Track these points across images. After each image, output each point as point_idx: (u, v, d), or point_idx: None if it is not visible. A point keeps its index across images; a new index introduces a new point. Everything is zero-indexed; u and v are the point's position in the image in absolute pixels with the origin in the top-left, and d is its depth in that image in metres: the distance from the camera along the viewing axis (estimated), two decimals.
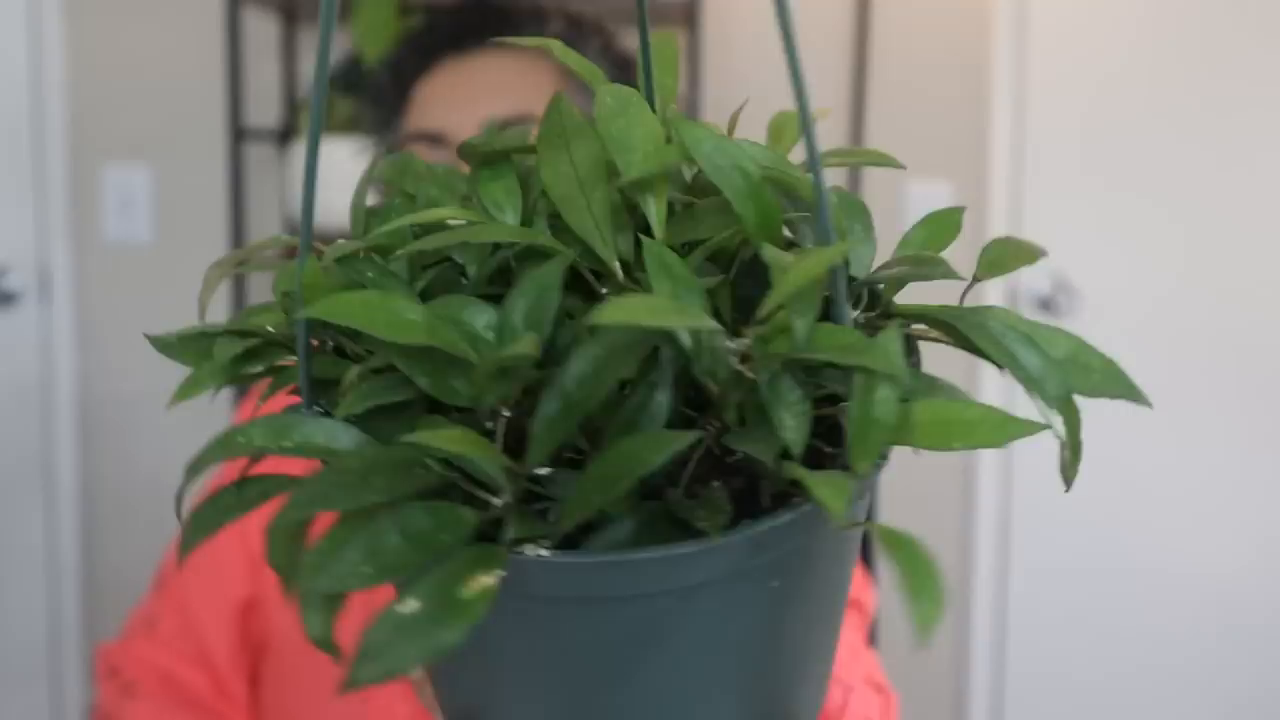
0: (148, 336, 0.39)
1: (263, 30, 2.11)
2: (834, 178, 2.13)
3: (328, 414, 0.37)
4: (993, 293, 2.11)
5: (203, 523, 0.35)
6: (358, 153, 1.13)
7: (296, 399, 0.38)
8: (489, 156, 0.40)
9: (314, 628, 0.31)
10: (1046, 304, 2.13)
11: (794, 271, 0.32)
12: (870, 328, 0.38)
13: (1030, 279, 2.15)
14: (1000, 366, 0.35)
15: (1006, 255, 0.39)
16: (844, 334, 0.33)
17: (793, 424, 0.33)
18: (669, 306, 0.31)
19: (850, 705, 0.65)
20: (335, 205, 1.95)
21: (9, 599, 2.17)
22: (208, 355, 0.38)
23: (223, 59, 2.02)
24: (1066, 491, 0.34)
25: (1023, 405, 0.34)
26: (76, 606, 2.21)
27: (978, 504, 2.19)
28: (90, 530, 2.22)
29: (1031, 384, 0.34)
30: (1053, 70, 2.15)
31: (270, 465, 0.35)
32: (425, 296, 0.38)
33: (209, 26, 2.11)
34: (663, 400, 0.33)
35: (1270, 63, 2.12)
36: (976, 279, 0.40)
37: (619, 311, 0.29)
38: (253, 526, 0.89)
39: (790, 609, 0.36)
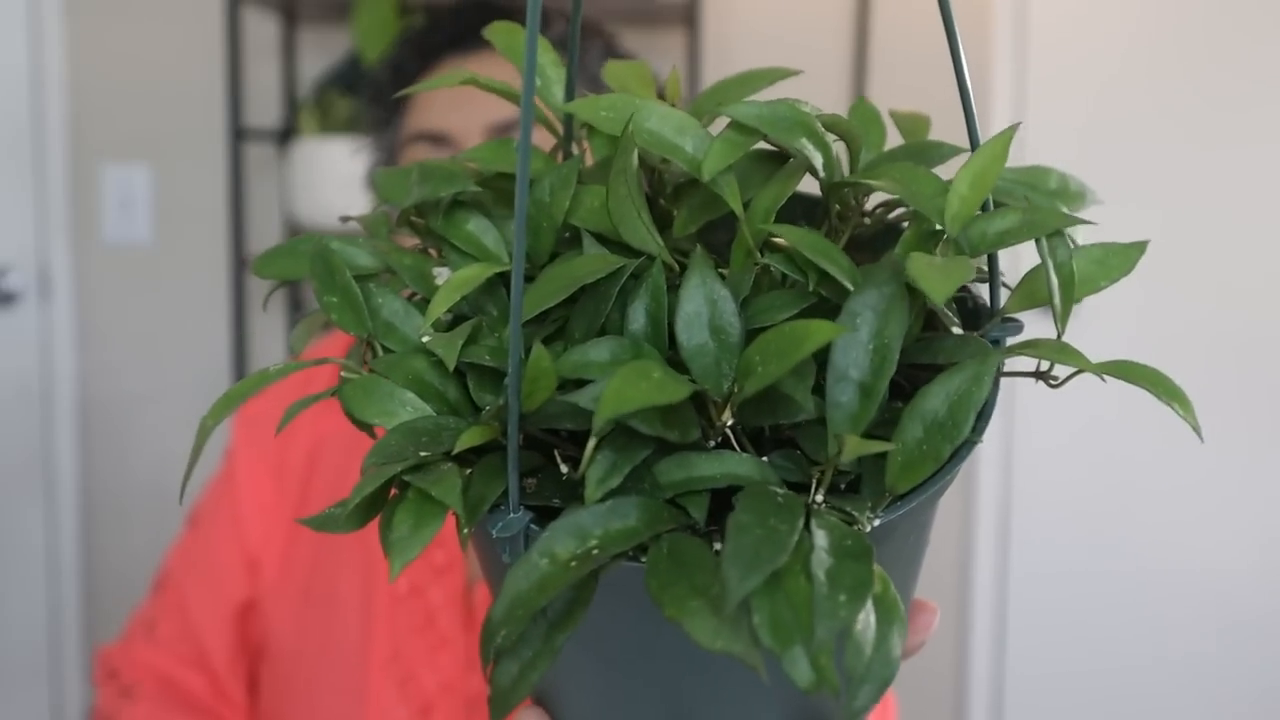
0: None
1: (263, 30, 2.11)
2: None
3: (531, 507, 0.35)
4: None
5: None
6: (355, 152, 1.13)
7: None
8: (441, 207, 0.41)
9: (805, 675, 0.29)
10: None
11: (979, 162, 0.36)
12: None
13: None
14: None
15: (915, 125, 0.44)
16: (1013, 215, 0.36)
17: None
18: (945, 266, 0.33)
19: None
20: (333, 204, 1.96)
21: (9, 599, 2.18)
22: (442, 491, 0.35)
23: (223, 59, 2.02)
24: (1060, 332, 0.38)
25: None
26: (76, 606, 2.21)
27: (978, 503, 2.19)
28: (90, 530, 2.22)
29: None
30: (1052, 70, 2.14)
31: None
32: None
33: (209, 26, 2.11)
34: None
35: (1270, 62, 2.12)
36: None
37: (937, 279, 0.31)
38: (250, 529, 0.89)
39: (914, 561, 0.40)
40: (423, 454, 0.34)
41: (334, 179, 1.89)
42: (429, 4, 1.92)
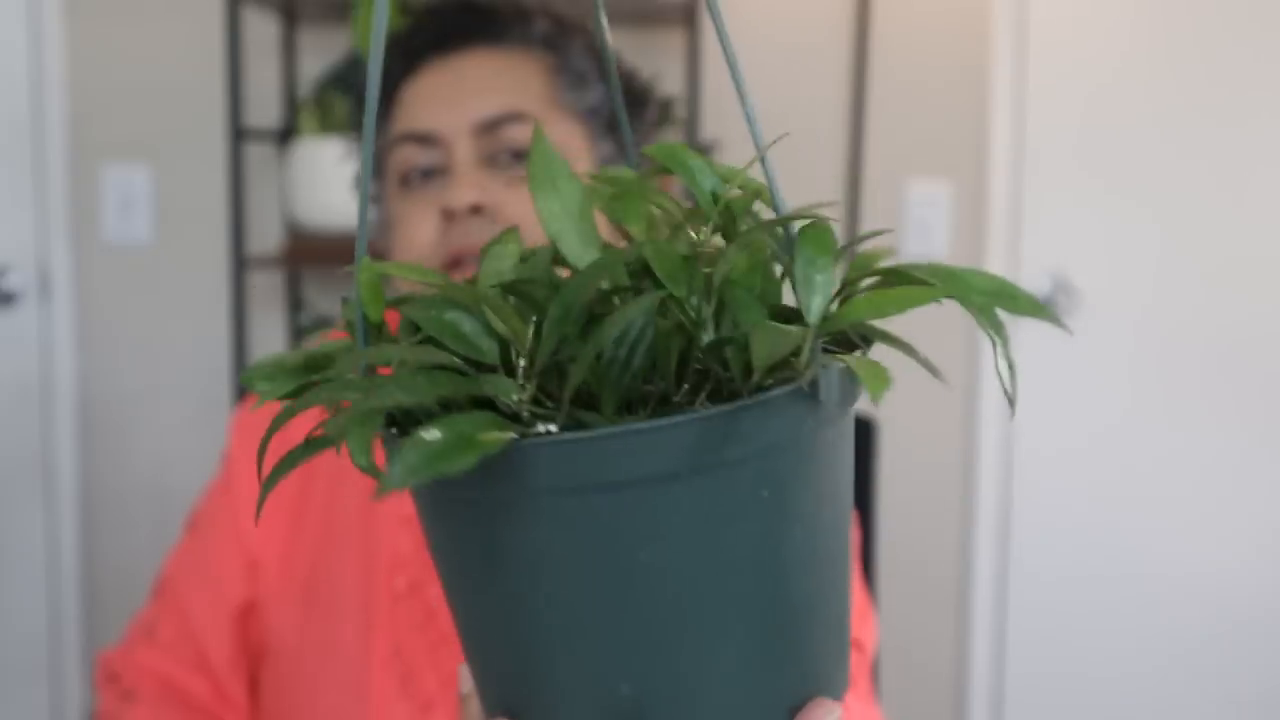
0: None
1: (263, 30, 2.11)
2: (834, 175, 2.13)
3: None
4: None
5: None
6: (344, 156, 1.14)
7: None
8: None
9: (358, 456, 0.36)
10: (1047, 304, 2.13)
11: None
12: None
13: (1030, 279, 2.15)
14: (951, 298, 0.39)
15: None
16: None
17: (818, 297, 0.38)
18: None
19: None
20: (326, 203, 1.96)
21: (9, 599, 2.17)
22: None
23: (223, 59, 2.02)
24: (1012, 416, 0.37)
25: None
26: (76, 606, 2.21)
27: (978, 505, 2.19)
28: (90, 530, 2.22)
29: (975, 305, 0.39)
30: (1052, 70, 2.14)
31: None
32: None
33: (209, 26, 2.10)
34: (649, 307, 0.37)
35: (1269, 62, 2.12)
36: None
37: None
38: (250, 530, 0.89)
39: (788, 527, 0.37)
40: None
41: (334, 179, 1.89)
42: (427, 4, 1.92)
